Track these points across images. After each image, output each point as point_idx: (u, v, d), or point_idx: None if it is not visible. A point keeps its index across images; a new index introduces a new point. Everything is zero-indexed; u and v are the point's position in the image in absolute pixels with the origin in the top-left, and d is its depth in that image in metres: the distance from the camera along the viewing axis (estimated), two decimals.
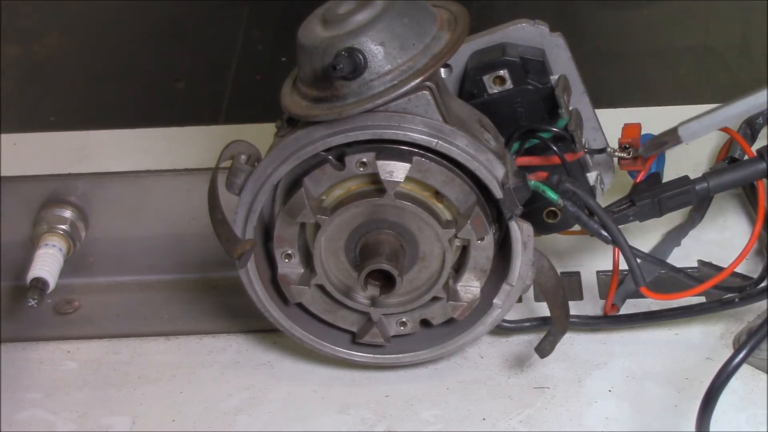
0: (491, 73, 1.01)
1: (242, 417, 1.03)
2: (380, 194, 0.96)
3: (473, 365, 1.06)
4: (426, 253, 0.99)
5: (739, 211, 1.18)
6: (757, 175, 1.00)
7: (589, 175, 1.05)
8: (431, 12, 0.95)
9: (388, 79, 0.92)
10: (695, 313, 1.06)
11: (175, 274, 1.18)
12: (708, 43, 1.60)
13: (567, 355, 1.06)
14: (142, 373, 1.08)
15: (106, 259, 1.18)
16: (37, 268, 1.10)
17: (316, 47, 0.93)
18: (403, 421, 1.02)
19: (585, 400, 1.02)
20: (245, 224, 0.98)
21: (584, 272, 1.14)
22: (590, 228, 0.97)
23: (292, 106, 0.95)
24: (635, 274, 0.97)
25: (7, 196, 1.16)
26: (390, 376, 1.06)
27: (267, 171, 0.96)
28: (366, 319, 1.03)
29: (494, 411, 1.02)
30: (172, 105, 1.64)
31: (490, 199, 0.96)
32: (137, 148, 1.27)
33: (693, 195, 1.00)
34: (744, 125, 1.19)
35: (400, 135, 0.93)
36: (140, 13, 1.83)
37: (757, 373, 1.02)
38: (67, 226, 1.15)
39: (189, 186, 1.16)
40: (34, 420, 1.04)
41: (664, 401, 1.01)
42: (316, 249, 0.99)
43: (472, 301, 1.01)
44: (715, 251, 1.14)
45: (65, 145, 1.28)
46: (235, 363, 1.09)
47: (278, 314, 1.03)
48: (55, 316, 1.15)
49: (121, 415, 1.04)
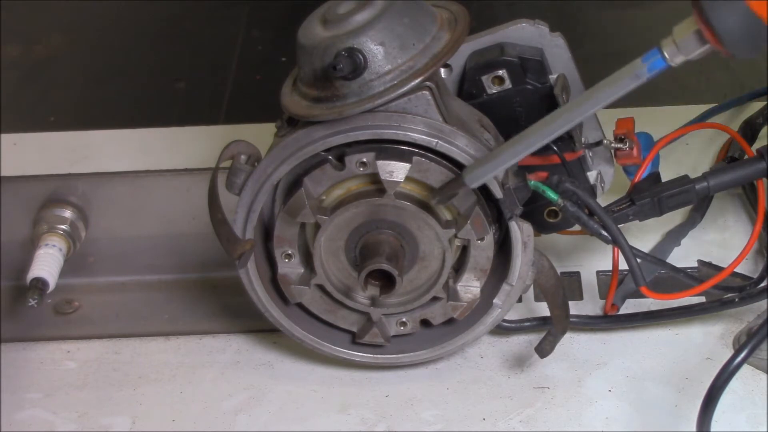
0: (490, 73, 1.01)
1: (242, 417, 1.03)
2: (380, 194, 0.96)
3: (473, 365, 1.06)
4: (426, 253, 0.99)
5: (739, 211, 1.18)
6: (757, 175, 1.00)
7: (589, 174, 1.05)
8: (431, 12, 0.95)
9: (388, 79, 0.92)
10: (695, 313, 1.06)
11: (175, 274, 1.18)
12: None
13: (567, 355, 1.06)
14: (142, 373, 1.08)
15: (106, 259, 1.18)
16: (37, 268, 1.10)
17: (316, 47, 0.93)
18: (403, 421, 1.02)
19: (585, 400, 1.02)
20: (245, 224, 0.98)
21: (584, 272, 1.14)
22: (590, 228, 0.97)
23: (292, 106, 0.95)
24: (635, 274, 0.97)
25: (7, 196, 1.16)
26: (390, 376, 1.06)
27: (267, 171, 0.96)
28: (366, 319, 1.03)
29: (494, 411, 1.02)
30: (172, 105, 1.64)
31: (490, 199, 0.96)
32: (137, 148, 1.27)
33: (693, 194, 1.00)
34: (744, 125, 1.19)
35: (400, 135, 0.93)
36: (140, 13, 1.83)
37: (757, 373, 1.02)
38: (67, 226, 1.15)
39: (189, 186, 1.16)
40: (34, 420, 1.04)
41: (664, 401, 1.01)
42: (316, 249, 0.99)
43: (472, 301, 1.01)
44: (715, 251, 1.14)
45: (65, 145, 1.28)
46: (235, 363, 1.09)
47: (278, 314, 1.03)
48: (55, 316, 1.15)
49: (121, 415, 1.04)
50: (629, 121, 1.03)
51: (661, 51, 0.82)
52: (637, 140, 1.03)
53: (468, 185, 0.92)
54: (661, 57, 0.82)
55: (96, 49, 1.77)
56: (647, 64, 0.83)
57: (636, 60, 0.83)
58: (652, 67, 0.83)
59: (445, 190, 0.94)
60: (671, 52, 0.82)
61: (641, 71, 0.83)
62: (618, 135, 1.03)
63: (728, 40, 0.80)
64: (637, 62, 0.83)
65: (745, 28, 0.80)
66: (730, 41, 0.80)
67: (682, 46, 0.82)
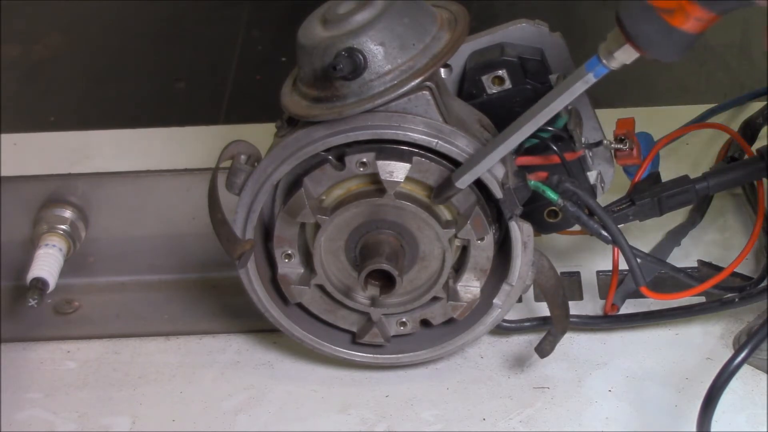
0: (490, 73, 1.01)
1: (242, 417, 1.03)
2: (380, 194, 0.96)
3: (473, 365, 1.06)
4: (426, 253, 0.99)
5: (739, 211, 1.18)
6: (757, 175, 1.00)
7: (589, 174, 1.05)
8: (431, 12, 0.95)
9: (388, 79, 0.92)
10: (695, 313, 1.06)
11: (175, 274, 1.18)
12: (708, 43, 1.60)
13: (567, 355, 1.06)
14: (142, 373, 1.08)
15: (106, 259, 1.18)
16: (37, 268, 1.10)
17: (316, 47, 0.93)
18: (403, 421, 1.02)
19: (585, 400, 1.02)
20: (245, 224, 0.98)
21: (584, 272, 1.14)
22: (590, 228, 0.97)
23: (292, 106, 0.95)
24: (635, 274, 0.97)
25: (7, 196, 1.16)
26: (390, 376, 1.06)
27: (267, 171, 0.96)
28: (366, 319, 1.03)
29: (494, 411, 1.02)
30: (172, 105, 1.64)
31: (490, 199, 0.96)
32: (137, 148, 1.27)
33: (693, 194, 1.00)
34: (744, 125, 1.19)
35: (400, 135, 0.93)
36: (140, 13, 1.83)
37: (757, 373, 1.02)
38: (67, 226, 1.15)
39: (189, 186, 1.16)
40: (34, 420, 1.04)
41: (664, 401, 1.01)
42: (316, 249, 0.99)
43: (472, 301, 1.01)
44: (715, 251, 1.14)
45: (65, 145, 1.27)
46: (235, 363, 1.09)
47: (278, 314, 1.03)
48: (55, 316, 1.15)
49: (121, 415, 1.04)
50: (629, 121, 1.03)
51: (599, 58, 0.87)
52: (637, 140, 1.03)
53: (459, 187, 0.94)
54: (601, 65, 0.87)
55: (96, 49, 1.77)
56: (592, 72, 0.88)
57: (581, 67, 0.88)
58: (598, 73, 0.88)
59: (440, 194, 0.95)
60: (608, 59, 0.87)
61: (588, 77, 0.88)
62: (618, 135, 1.03)
63: (646, 46, 0.84)
64: (582, 70, 0.88)
65: (660, 34, 0.82)
66: (649, 47, 0.84)
67: (615, 54, 0.86)
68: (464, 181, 0.94)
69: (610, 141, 1.03)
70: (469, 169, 0.93)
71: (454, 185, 0.94)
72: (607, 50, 0.86)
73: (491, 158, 0.93)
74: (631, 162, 1.04)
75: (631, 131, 1.03)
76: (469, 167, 0.93)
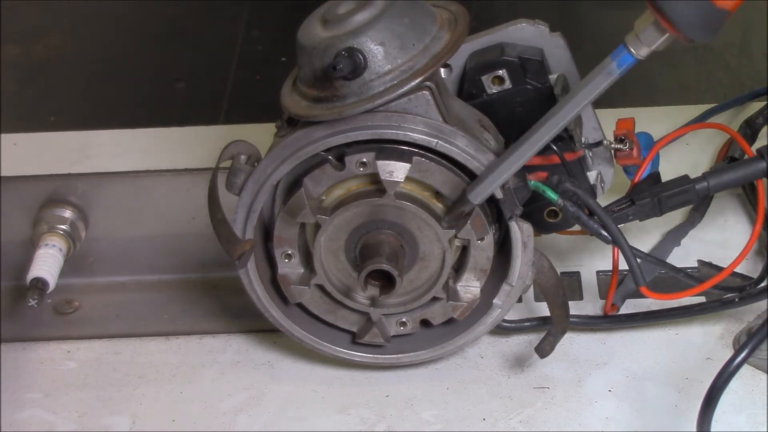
0: (490, 73, 1.01)
1: (242, 417, 1.03)
2: (380, 194, 0.96)
3: (473, 365, 1.06)
4: (426, 253, 0.99)
5: (739, 211, 1.18)
6: (757, 175, 1.00)
7: (589, 174, 1.05)
8: (431, 12, 0.95)
9: (388, 79, 0.92)
10: (695, 313, 1.06)
11: (175, 274, 1.18)
12: (708, 43, 1.60)
13: (567, 355, 1.06)
14: (142, 373, 1.08)
15: (106, 259, 1.18)
16: (37, 268, 1.10)
17: (316, 47, 0.93)
18: (403, 421, 1.02)
19: (585, 400, 1.02)
20: (245, 224, 0.98)
21: (584, 272, 1.14)
22: (590, 228, 0.97)
23: (292, 106, 0.95)
24: (635, 274, 0.97)
25: (7, 196, 1.16)
26: (390, 376, 1.06)
27: (267, 171, 0.96)
28: (366, 319, 1.03)
29: (494, 411, 1.02)
30: (172, 105, 1.64)
31: (491, 199, 0.96)
32: (137, 148, 1.27)
33: (693, 194, 1.00)
34: (744, 125, 1.19)
35: (400, 135, 0.93)
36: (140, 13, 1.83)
37: (757, 373, 1.02)
38: (67, 226, 1.15)
39: (189, 186, 1.16)
40: (34, 420, 1.04)
41: (664, 401, 1.01)
42: (316, 249, 0.99)
43: (472, 301, 1.01)
44: (715, 251, 1.14)
45: (65, 145, 1.28)
46: (235, 363, 1.09)
47: (278, 314, 1.03)
48: (55, 316, 1.15)
49: (121, 415, 1.04)
50: (629, 121, 1.03)
51: (626, 46, 0.86)
52: (637, 140, 1.03)
53: (474, 202, 0.94)
54: (627, 52, 0.86)
55: (96, 49, 1.77)
56: (616, 60, 0.87)
57: (606, 58, 0.87)
58: (621, 62, 0.87)
59: (454, 210, 0.95)
60: (636, 46, 0.86)
61: (611, 68, 0.87)
62: (618, 135, 1.03)
63: (681, 24, 0.83)
64: (607, 60, 0.87)
65: (695, 10, 0.82)
66: (684, 25, 0.83)
67: (644, 39, 0.85)
68: (479, 195, 0.94)
69: (610, 141, 1.03)
70: (484, 183, 0.93)
71: (468, 200, 0.94)
72: (636, 37, 0.85)
73: (507, 170, 0.92)
74: (631, 162, 1.04)
75: (631, 131, 1.03)
76: (484, 180, 0.93)
